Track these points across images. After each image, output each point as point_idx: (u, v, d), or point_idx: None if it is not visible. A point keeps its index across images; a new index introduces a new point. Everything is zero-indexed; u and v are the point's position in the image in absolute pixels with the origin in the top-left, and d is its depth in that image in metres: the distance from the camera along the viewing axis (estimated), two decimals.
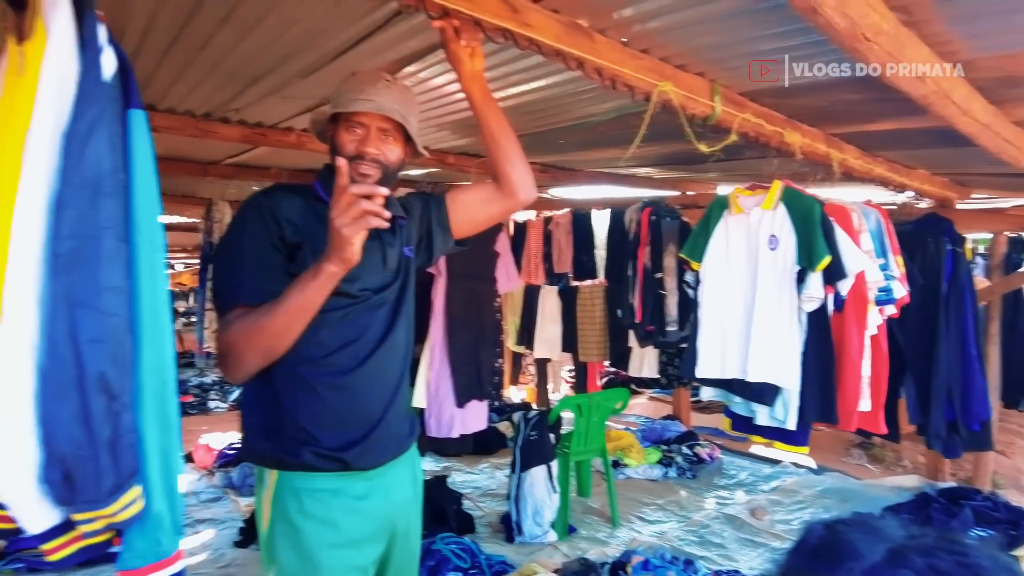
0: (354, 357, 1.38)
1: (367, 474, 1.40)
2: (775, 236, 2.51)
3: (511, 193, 1.60)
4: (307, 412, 1.35)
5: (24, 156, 1.00)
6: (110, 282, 0.99)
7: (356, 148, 1.39)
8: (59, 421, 0.96)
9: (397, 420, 1.47)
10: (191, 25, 2.08)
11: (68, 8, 1.00)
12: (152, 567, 1.07)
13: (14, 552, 3.17)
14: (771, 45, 2.01)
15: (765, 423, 2.58)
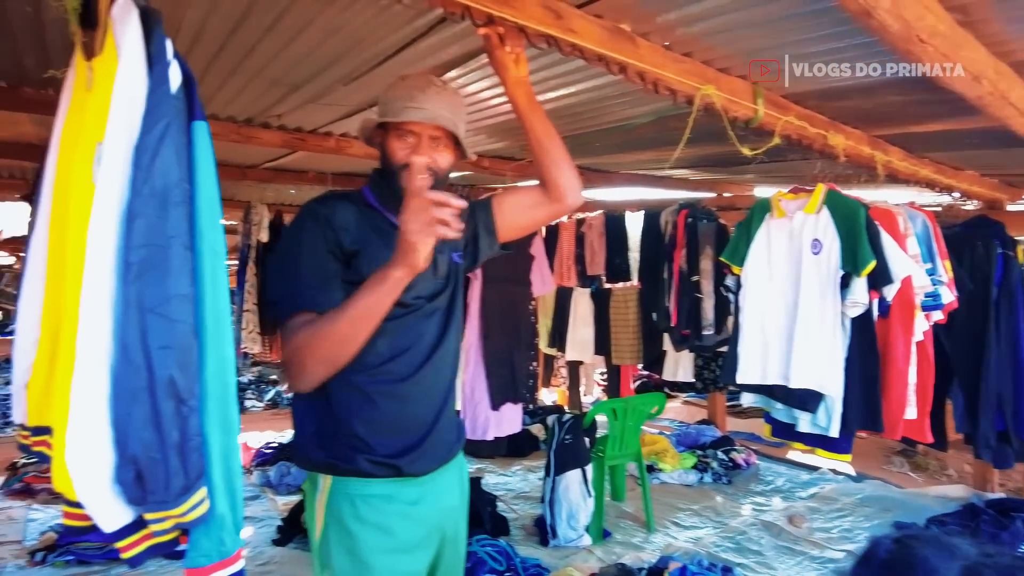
0: (409, 365, 1.38)
1: (419, 480, 1.41)
2: (818, 240, 2.46)
3: (559, 197, 1.59)
4: (362, 420, 1.35)
5: (95, 169, 1.04)
6: (178, 289, 1.02)
7: (407, 156, 1.38)
8: (131, 424, 0.99)
9: (447, 426, 1.48)
10: (237, 34, 2.12)
11: (138, 25, 1.03)
12: (216, 566, 1.11)
13: (65, 545, 3.26)
14: (817, 48, 1.98)
15: (807, 430, 2.54)
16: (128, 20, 1.02)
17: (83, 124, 1.09)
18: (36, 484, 4.32)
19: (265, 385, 8.46)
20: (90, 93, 1.09)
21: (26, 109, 2.93)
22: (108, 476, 1.01)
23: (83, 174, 1.07)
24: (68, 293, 1.06)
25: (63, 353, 1.05)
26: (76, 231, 1.05)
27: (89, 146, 1.05)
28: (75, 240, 1.05)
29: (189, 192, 1.07)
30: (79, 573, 3.15)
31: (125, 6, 1.04)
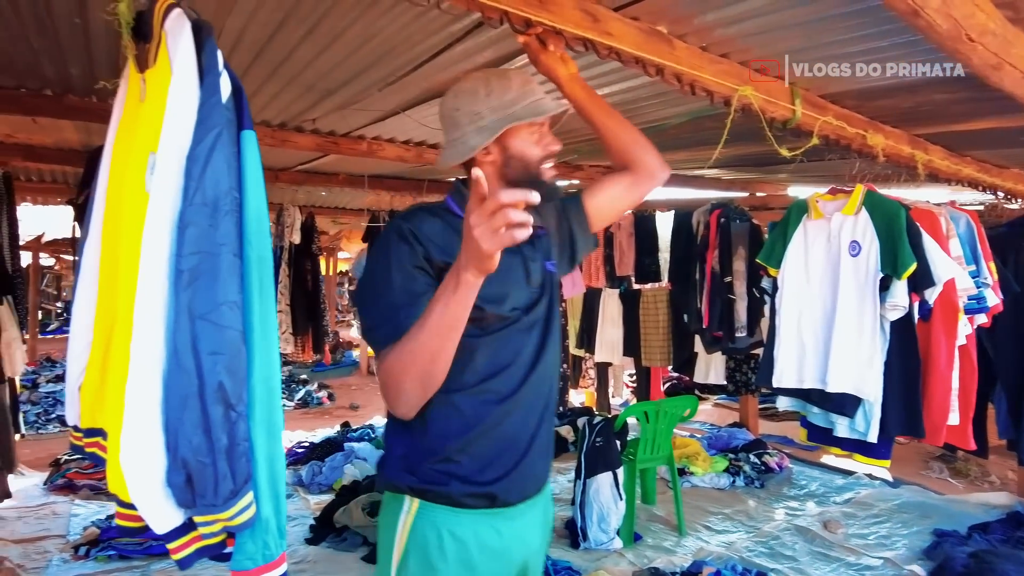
0: (509, 382, 1.29)
1: (508, 512, 1.31)
2: (857, 242, 2.42)
3: (650, 174, 1.56)
4: (459, 442, 1.26)
5: (148, 178, 1.06)
6: (227, 296, 1.04)
7: (545, 148, 1.34)
8: (182, 428, 1.01)
9: (541, 453, 1.37)
10: (274, 41, 2.16)
11: (190, 38, 1.05)
12: (261, 569, 1.12)
13: (107, 540, 3.35)
14: (856, 48, 1.95)
15: (844, 435, 2.49)
16: (180, 33, 1.05)
17: (136, 134, 1.12)
18: (78, 480, 4.44)
19: (296, 384, 8.59)
20: (143, 104, 1.12)
21: (70, 117, 3.01)
22: (160, 479, 1.03)
23: (136, 183, 1.09)
24: (121, 299, 1.09)
25: (115, 357, 1.08)
26: (129, 239, 1.08)
27: (142, 156, 1.08)
28: (128, 247, 1.08)
29: (238, 200, 1.09)
30: (120, 568, 3.22)
31: (178, 20, 1.06)
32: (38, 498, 4.25)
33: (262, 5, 1.88)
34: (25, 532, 3.65)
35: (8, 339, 3.42)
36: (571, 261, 1.56)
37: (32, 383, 7.81)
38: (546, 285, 1.39)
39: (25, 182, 4.96)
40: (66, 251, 11.32)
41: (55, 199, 5.53)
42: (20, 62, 2.44)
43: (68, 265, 14.60)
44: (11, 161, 4.16)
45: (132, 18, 1.15)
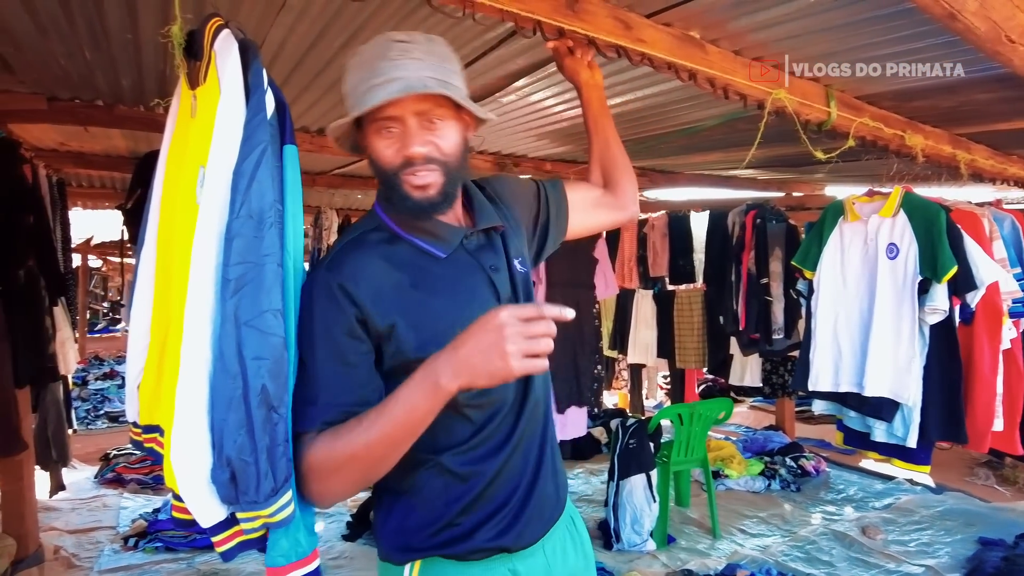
0: (504, 425, 1.12)
1: (526, 552, 1.14)
2: (895, 245, 2.38)
3: (624, 205, 1.48)
4: (458, 506, 1.09)
5: (199, 191, 1.12)
6: (271, 304, 1.07)
7: (399, 153, 1.04)
8: (227, 429, 1.06)
9: (548, 477, 1.18)
10: (313, 51, 2.22)
11: (237, 57, 1.10)
12: (294, 565, 1.15)
13: (154, 533, 3.48)
14: (892, 49, 1.92)
15: (882, 439, 2.46)
16: (228, 53, 1.10)
17: (187, 148, 1.18)
18: (126, 474, 4.61)
19: None
20: (194, 120, 1.18)
21: (120, 126, 3.14)
22: (206, 476, 1.08)
23: (188, 195, 1.15)
24: (174, 305, 1.15)
25: (170, 360, 1.14)
26: (181, 248, 1.14)
27: (193, 169, 1.14)
28: (180, 256, 1.14)
29: (281, 212, 1.13)
30: (167, 559, 3.35)
31: (226, 40, 1.12)
32: (89, 491, 4.43)
33: (302, 19, 1.94)
34: (78, 523, 3.81)
35: (62, 338, 3.56)
36: (537, 256, 1.34)
37: (82, 380, 8.11)
38: (519, 292, 1.16)
39: (76, 187, 5.16)
40: (113, 253, 11.71)
41: (103, 204, 5.75)
42: (75, 75, 2.56)
43: (115, 267, 15.10)
44: (64, 168, 4.34)
45: (184, 39, 1.20)
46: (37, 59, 2.36)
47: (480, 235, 1.17)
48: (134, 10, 1.90)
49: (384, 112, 1.02)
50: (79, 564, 3.27)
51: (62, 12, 1.93)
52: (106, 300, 17.35)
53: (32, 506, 3.19)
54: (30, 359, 2.94)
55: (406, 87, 0.99)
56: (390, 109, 1.02)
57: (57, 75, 2.56)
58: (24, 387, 2.99)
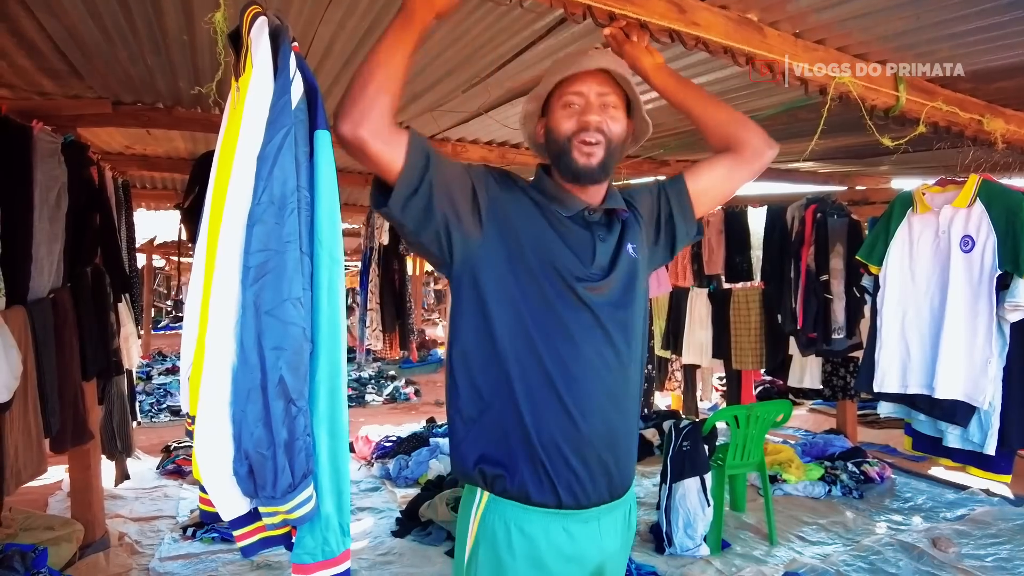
0: (562, 367, 1.19)
1: (582, 514, 1.23)
2: (970, 237, 2.23)
3: (757, 153, 1.44)
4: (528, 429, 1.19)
5: (230, 179, 1.11)
6: (292, 293, 1.05)
7: (577, 121, 1.24)
8: (245, 421, 1.04)
9: (622, 454, 1.27)
10: (362, 49, 2.23)
11: (267, 43, 1.09)
12: (321, 564, 1.12)
13: (210, 524, 3.57)
14: (969, 26, 1.80)
15: (956, 445, 2.31)
16: (260, 39, 1.09)
17: (229, 139, 1.17)
18: (185, 466, 4.76)
19: (384, 380, 8.86)
20: (236, 111, 1.18)
21: (179, 127, 3.24)
22: (227, 468, 1.06)
23: (223, 186, 1.15)
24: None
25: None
26: (211, 238, 1.13)
27: (231, 159, 1.13)
28: (215, 246, 1.13)
29: (309, 199, 1.11)
30: (222, 549, 3.43)
31: (260, 27, 1.11)
32: (152, 481, 4.59)
33: (351, 15, 1.95)
34: (141, 512, 3.95)
35: (126, 334, 3.71)
36: (671, 248, 1.46)
37: (146, 375, 8.44)
38: (618, 269, 1.27)
39: (140, 189, 5.38)
40: (174, 253, 12.19)
41: (165, 204, 5.97)
42: (137, 79, 2.65)
43: (176, 266, 15.73)
44: (129, 170, 4.53)
45: (228, 28, 1.20)
46: (103, 64, 2.45)
47: (602, 215, 1.32)
48: (190, 10, 1.94)
49: (572, 86, 1.24)
50: (142, 551, 3.38)
51: (124, 17, 1.99)
52: (169, 298, 18.08)
53: (99, 494, 3.32)
54: (97, 353, 3.06)
55: (597, 64, 1.23)
56: (578, 83, 1.24)
57: (121, 79, 2.66)
58: (91, 379, 3.11)
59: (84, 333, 2.90)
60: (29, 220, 2.41)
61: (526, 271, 1.20)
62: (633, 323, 1.28)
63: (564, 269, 1.21)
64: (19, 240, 2.38)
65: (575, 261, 1.22)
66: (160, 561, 3.27)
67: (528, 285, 1.19)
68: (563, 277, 1.20)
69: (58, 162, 2.65)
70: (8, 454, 2.08)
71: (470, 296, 1.22)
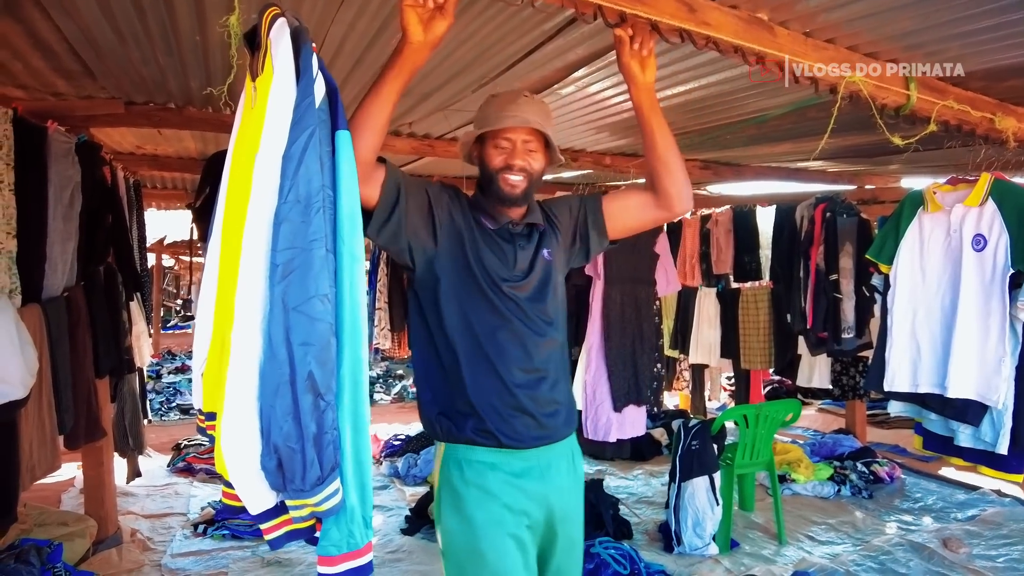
0: (495, 343, 1.49)
1: (522, 454, 1.50)
2: (982, 235, 2.23)
3: (667, 205, 1.61)
4: (466, 389, 1.48)
5: (252, 178, 1.13)
6: (318, 290, 1.07)
7: (504, 161, 1.51)
8: (274, 415, 1.06)
9: (548, 407, 1.54)
10: (373, 48, 2.24)
11: (289, 43, 1.11)
12: (345, 556, 1.15)
13: (221, 521, 3.60)
14: (980, 24, 1.79)
15: (968, 444, 2.30)
16: (281, 40, 1.10)
17: (246, 139, 1.19)
18: (196, 464, 4.80)
19: (392, 379, 8.89)
20: (253, 111, 1.19)
21: (190, 127, 3.26)
22: (255, 462, 1.08)
23: (244, 185, 1.16)
24: (233, 293, 1.16)
25: (228, 347, 1.15)
26: (237, 237, 1.15)
27: (250, 159, 1.14)
28: (236, 245, 1.14)
29: (332, 198, 1.13)
30: (233, 546, 3.45)
31: (280, 28, 1.12)
32: (163, 478, 4.63)
33: (361, 15, 1.96)
34: (152, 509, 3.98)
35: (137, 332, 3.74)
36: (585, 254, 1.70)
37: (156, 374, 8.50)
38: (535, 271, 1.56)
39: (150, 189, 5.41)
40: (184, 252, 12.26)
41: (175, 204, 6.01)
42: (150, 80, 2.67)
43: (186, 266, 15.80)
44: (140, 170, 4.56)
45: (243, 30, 1.22)
46: (116, 65, 2.47)
47: (523, 227, 1.59)
48: (203, 12, 1.96)
49: (505, 133, 1.51)
50: (154, 547, 3.41)
51: (137, 17, 2.01)
52: (178, 298, 18.18)
53: (111, 491, 3.35)
54: (109, 351, 3.09)
55: (524, 121, 1.49)
56: (509, 132, 1.51)
57: (133, 80, 2.68)
58: (103, 377, 3.14)
59: (97, 331, 2.93)
60: (43, 219, 2.44)
61: (468, 272, 1.50)
62: (548, 311, 1.57)
63: (493, 272, 1.51)
64: (34, 239, 2.41)
65: (500, 266, 1.52)
66: (172, 557, 3.29)
67: (468, 283, 1.50)
68: (492, 278, 1.50)
69: (72, 162, 2.68)
70: (23, 450, 2.10)
71: (429, 291, 1.51)
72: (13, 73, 2.52)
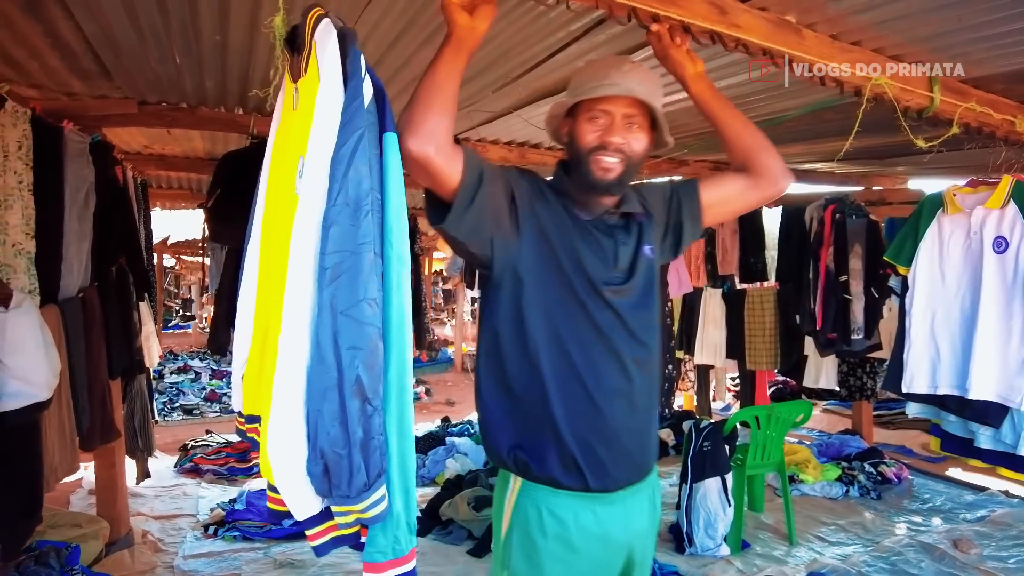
0: (590, 363, 1.28)
1: (608, 497, 1.31)
2: (1003, 238, 2.23)
3: (772, 181, 1.47)
4: (553, 416, 1.27)
5: (298, 181, 1.12)
6: (367, 293, 1.06)
7: (599, 138, 1.29)
8: (321, 420, 1.04)
9: (641, 440, 1.36)
10: (394, 48, 2.24)
11: (336, 45, 1.10)
12: (391, 563, 1.13)
13: (231, 522, 3.59)
14: (1008, 27, 1.80)
15: (987, 446, 2.31)
16: (327, 41, 1.09)
17: (289, 141, 1.18)
18: (203, 465, 4.79)
19: None
20: (295, 112, 1.18)
21: (203, 127, 3.25)
22: (301, 468, 1.06)
23: (288, 187, 1.15)
24: (275, 295, 1.14)
25: (271, 350, 1.13)
26: (282, 240, 1.14)
27: (293, 160, 1.14)
28: (280, 247, 1.14)
29: (379, 201, 1.11)
30: (244, 547, 3.44)
31: (326, 29, 1.11)
32: (171, 479, 4.61)
33: (386, 15, 1.96)
34: (162, 510, 3.97)
35: (147, 332, 3.72)
36: (675, 249, 1.51)
37: (159, 374, 8.46)
38: (638, 270, 1.35)
39: (156, 188, 5.39)
40: (186, 252, 12.22)
41: (180, 204, 5.98)
42: (165, 79, 2.66)
43: (187, 266, 15.76)
44: (147, 170, 4.54)
45: (286, 31, 1.21)
46: (133, 64, 2.46)
47: (620, 217, 1.38)
48: (226, 11, 1.95)
49: (601, 104, 1.28)
50: (165, 548, 3.40)
51: (160, 17, 2.00)
52: (178, 297, 18.12)
53: (123, 492, 3.34)
54: (121, 352, 3.08)
55: (627, 90, 1.25)
56: (607, 103, 1.28)
57: (149, 79, 2.67)
58: (116, 378, 3.13)
59: (110, 332, 2.92)
60: (60, 220, 2.43)
61: (558, 272, 1.28)
62: (652, 321, 1.37)
63: (592, 272, 1.29)
64: (50, 239, 2.39)
65: (599, 265, 1.30)
66: (184, 559, 3.28)
67: (559, 286, 1.28)
68: (591, 280, 1.29)
69: (87, 162, 2.66)
70: (46, 452, 2.09)
71: (507, 296, 1.29)
72: (29, 72, 2.51)
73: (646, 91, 1.27)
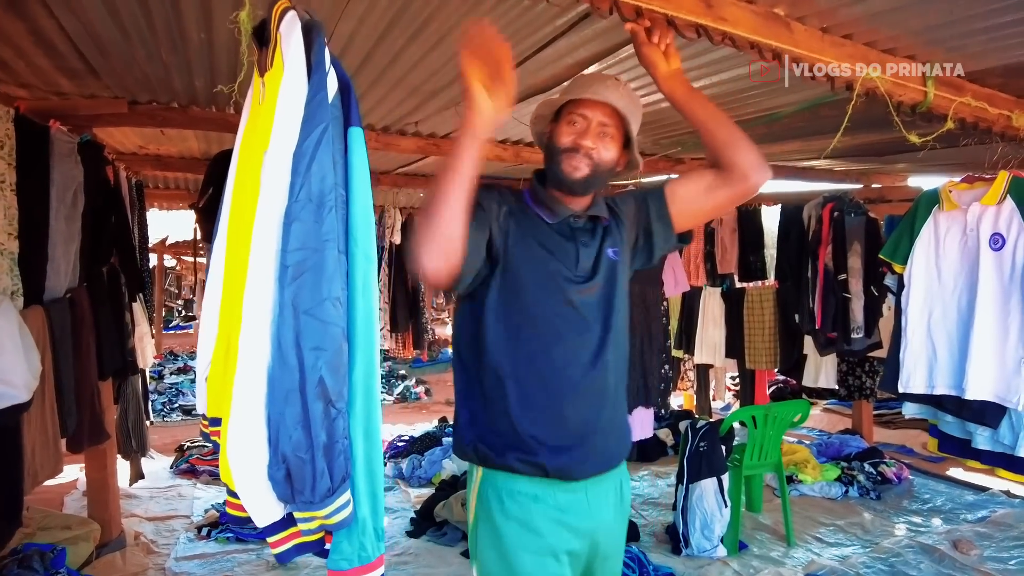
0: (549, 359, 1.31)
1: (570, 485, 1.33)
2: (1000, 235, 2.20)
3: (741, 177, 1.42)
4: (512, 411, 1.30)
5: (261, 176, 1.09)
6: (331, 292, 1.03)
7: (573, 140, 1.35)
8: (283, 423, 1.02)
9: (606, 433, 1.37)
10: (382, 44, 2.21)
11: (300, 38, 1.07)
12: (356, 570, 1.11)
13: (226, 523, 3.57)
14: (1002, 19, 1.76)
15: (986, 447, 2.28)
16: (291, 34, 1.07)
17: (255, 136, 1.15)
18: (199, 466, 4.77)
19: (395, 380, 8.85)
20: (261, 106, 1.15)
21: (194, 126, 3.23)
22: (262, 473, 1.04)
23: (252, 183, 1.12)
24: (240, 294, 1.11)
25: (234, 350, 1.10)
26: (245, 236, 1.11)
27: (258, 156, 1.11)
28: (245, 245, 1.11)
29: (344, 197, 1.09)
30: (238, 549, 3.42)
31: (291, 21, 1.09)
32: (166, 480, 4.60)
33: (371, 10, 1.93)
34: (156, 511, 3.95)
35: (140, 333, 3.71)
36: (649, 254, 1.52)
37: (159, 375, 8.47)
38: (600, 270, 1.39)
39: (153, 189, 5.38)
40: (186, 253, 12.22)
41: (178, 204, 5.97)
42: (154, 78, 2.64)
43: (188, 266, 15.77)
44: (143, 170, 4.53)
45: (252, 26, 1.19)
46: (120, 63, 2.44)
47: (586, 221, 1.42)
48: (208, 9, 1.93)
49: (580, 109, 1.36)
50: (158, 550, 3.38)
51: (142, 14, 1.98)
52: (180, 298, 18.14)
53: (115, 493, 3.32)
54: (112, 352, 3.06)
55: (605, 98, 1.34)
56: (588, 107, 1.35)
57: (138, 78, 2.65)
58: (107, 379, 3.11)
59: (101, 333, 2.90)
60: (46, 220, 2.41)
61: (519, 273, 1.32)
62: (615, 319, 1.38)
63: (553, 270, 1.34)
64: (36, 240, 2.37)
65: (559, 264, 1.35)
66: (176, 561, 3.26)
67: (521, 286, 1.32)
68: (552, 278, 1.34)
69: (75, 162, 2.64)
70: (26, 454, 2.07)
71: (475, 302, 1.34)
72: (16, 72, 2.49)
73: (624, 105, 1.34)
